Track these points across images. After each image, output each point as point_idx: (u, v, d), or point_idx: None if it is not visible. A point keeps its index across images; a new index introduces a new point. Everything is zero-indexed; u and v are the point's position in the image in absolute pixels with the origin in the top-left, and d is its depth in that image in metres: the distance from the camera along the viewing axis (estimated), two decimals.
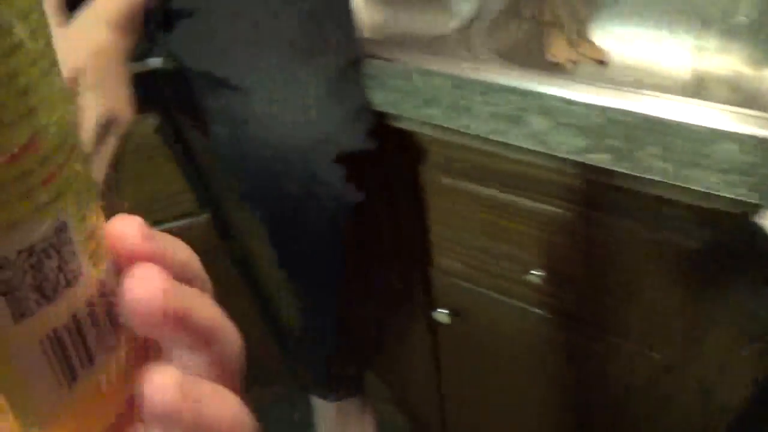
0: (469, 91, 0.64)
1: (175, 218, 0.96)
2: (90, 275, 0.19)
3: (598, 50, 0.88)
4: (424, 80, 0.67)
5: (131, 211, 0.20)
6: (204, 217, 0.98)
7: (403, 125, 0.74)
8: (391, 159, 0.72)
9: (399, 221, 0.85)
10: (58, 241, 0.19)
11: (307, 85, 0.54)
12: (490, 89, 0.63)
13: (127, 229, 0.20)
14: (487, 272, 0.85)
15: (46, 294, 0.18)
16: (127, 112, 0.58)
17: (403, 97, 0.70)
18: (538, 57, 0.83)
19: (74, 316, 0.19)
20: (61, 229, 0.19)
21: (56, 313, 0.19)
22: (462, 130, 0.68)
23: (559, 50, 0.86)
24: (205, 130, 0.65)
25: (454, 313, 0.93)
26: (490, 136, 0.67)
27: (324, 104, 0.54)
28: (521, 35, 0.81)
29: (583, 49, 0.87)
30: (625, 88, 0.60)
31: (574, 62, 0.87)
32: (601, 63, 0.87)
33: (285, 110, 0.52)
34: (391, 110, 0.72)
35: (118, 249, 0.20)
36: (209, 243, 1.03)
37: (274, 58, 0.54)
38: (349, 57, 0.61)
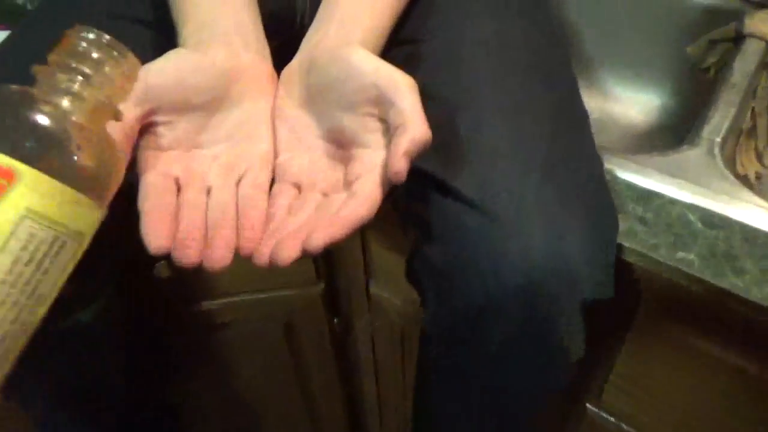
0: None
1: (292, 286, 0.89)
2: None
3: None
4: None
5: None
6: (318, 288, 0.90)
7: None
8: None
9: None
10: None
11: (562, 211, 0.42)
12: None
13: None
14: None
15: None
16: None
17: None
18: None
19: None
20: None
21: None
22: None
23: (747, 161, 0.78)
24: None
25: None
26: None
27: (578, 234, 0.42)
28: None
29: None
30: None
31: (759, 177, 0.80)
32: None
33: (535, 238, 0.40)
34: (626, 243, 0.53)
35: None
36: (313, 314, 0.94)
37: (522, 176, 0.42)
38: (600, 172, 0.49)
